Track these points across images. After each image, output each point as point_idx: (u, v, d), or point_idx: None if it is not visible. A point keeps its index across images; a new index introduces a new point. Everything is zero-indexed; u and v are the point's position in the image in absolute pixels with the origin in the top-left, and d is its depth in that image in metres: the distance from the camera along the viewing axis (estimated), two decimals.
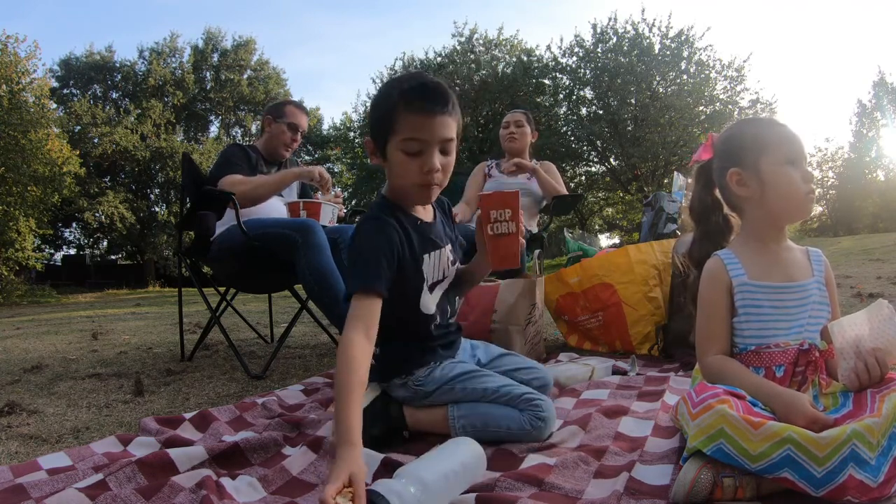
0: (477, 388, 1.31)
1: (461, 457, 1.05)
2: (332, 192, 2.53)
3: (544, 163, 3.01)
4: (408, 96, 1.17)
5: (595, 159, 20.10)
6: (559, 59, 18.97)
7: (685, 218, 1.36)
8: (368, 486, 0.94)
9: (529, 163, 2.94)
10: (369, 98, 20.88)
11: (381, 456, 1.14)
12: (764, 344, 1.15)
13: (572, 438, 1.29)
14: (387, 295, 1.18)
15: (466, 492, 1.01)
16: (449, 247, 1.40)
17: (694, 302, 1.25)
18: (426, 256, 1.32)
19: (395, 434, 1.34)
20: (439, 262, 1.36)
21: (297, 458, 1.20)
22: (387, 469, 1.11)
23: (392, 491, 0.89)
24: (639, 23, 17.91)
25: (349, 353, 1.06)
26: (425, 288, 1.33)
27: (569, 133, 19.13)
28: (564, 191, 2.88)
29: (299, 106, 2.60)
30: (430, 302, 1.35)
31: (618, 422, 1.37)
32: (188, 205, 2.45)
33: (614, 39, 18.07)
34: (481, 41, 20.52)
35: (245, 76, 25.01)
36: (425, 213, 1.36)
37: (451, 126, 1.20)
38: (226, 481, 1.05)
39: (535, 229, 2.87)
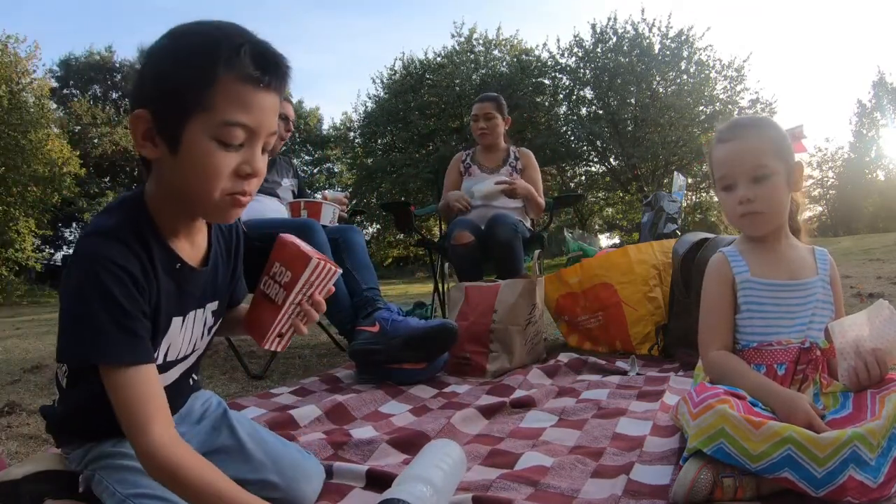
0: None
1: (452, 456, 1.05)
2: (342, 194, 2.59)
3: (523, 153, 2.84)
4: None
5: (595, 159, 20.10)
6: (558, 58, 18.96)
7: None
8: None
9: (510, 180, 2.66)
10: (369, 98, 20.91)
11: (365, 467, 1.10)
12: (766, 341, 1.15)
13: (570, 438, 1.29)
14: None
15: (462, 492, 1.01)
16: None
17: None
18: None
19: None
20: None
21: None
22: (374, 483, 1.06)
23: (413, 495, 0.88)
24: (639, 23, 17.92)
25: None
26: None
27: (569, 133, 19.12)
28: (541, 200, 2.72)
29: None
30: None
31: (616, 422, 1.37)
32: None
33: (614, 39, 18.06)
34: (481, 41, 20.50)
35: None
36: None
37: None
38: None
39: (527, 223, 2.83)
